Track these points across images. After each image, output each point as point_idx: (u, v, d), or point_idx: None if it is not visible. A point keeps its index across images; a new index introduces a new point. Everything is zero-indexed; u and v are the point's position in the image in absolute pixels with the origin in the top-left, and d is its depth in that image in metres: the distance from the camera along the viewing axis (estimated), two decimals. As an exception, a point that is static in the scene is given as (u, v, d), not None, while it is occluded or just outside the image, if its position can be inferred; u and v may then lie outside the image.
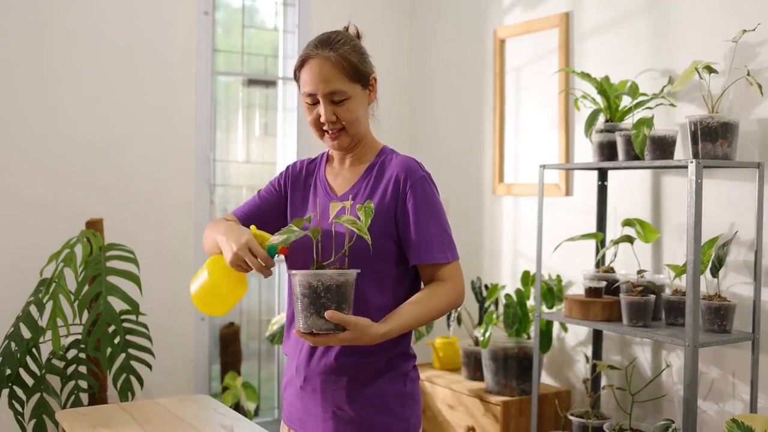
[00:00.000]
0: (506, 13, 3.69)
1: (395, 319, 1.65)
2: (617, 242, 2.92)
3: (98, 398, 3.05)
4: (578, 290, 3.19)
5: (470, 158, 3.90)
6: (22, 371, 2.84)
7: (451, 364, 3.65)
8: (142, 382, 3.01)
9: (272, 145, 4.14)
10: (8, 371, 2.77)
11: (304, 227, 1.63)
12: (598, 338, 3.13)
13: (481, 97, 3.84)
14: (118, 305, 3.07)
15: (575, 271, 3.25)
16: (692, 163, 2.45)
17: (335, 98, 1.73)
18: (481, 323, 3.33)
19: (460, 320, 3.64)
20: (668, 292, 2.76)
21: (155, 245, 3.61)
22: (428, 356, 3.89)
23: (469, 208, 3.89)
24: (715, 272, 2.60)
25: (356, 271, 1.60)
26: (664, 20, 2.98)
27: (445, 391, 3.38)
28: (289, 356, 1.86)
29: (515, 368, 3.17)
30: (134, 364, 3.02)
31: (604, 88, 2.93)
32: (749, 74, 2.56)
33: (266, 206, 1.90)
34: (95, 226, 3.13)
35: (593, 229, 3.15)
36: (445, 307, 1.72)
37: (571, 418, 2.93)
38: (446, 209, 3.94)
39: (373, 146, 1.85)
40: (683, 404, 2.46)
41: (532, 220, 3.43)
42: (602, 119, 2.95)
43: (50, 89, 3.43)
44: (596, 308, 2.81)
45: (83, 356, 2.99)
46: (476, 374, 3.40)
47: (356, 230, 1.56)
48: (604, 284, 2.87)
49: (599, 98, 2.97)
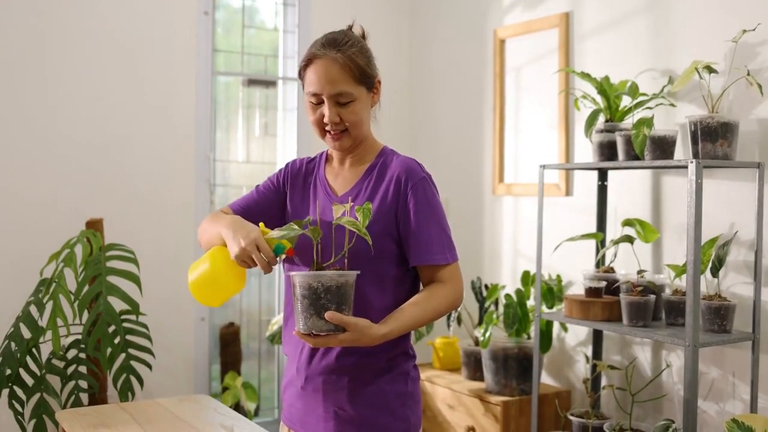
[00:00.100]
0: (506, 13, 3.69)
1: (395, 320, 1.65)
2: (617, 242, 2.92)
3: (98, 398, 3.06)
4: (578, 290, 3.19)
5: (470, 158, 3.90)
6: (22, 371, 2.84)
7: (451, 364, 3.65)
8: (142, 382, 3.02)
9: (272, 145, 4.14)
10: (8, 371, 2.77)
11: (304, 228, 1.63)
12: (598, 338, 3.13)
13: (481, 97, 3.84)
14: (118, 305, 3.07)
15: (575, 271, 3.25)
16: (692, 163, 2.45)
17: (340, 100, 1.73)
18: (481, 323, 3.33)
19: (460, 320, 3.64)
20: (668, 292, 2.76)
21: (155, 245, 3.61)
22: (428, 356, 3.89)
23: (469, 208, 3.89)
24: (715, 272, 2.60)
25: (356, 272, 1.60)
26: (664, 20, 2.98)
27: (445, 391, 3.38)
28: (289, 357, 1.86)
29: (515, 368, 3.17)
30: (134, 364, 3.02)
31: (604, 88, 2.93)
32: (749, 74, 2.56)
33: (264, 202, 1.89)
34: (95, 226, 3.13)
35: (593, 229, 3.15)
36: (444, 308, 1.73)
37: (571, 418, 2.93)
38: (446, 209, 3.93)
39: (373, 147, 1.85)
40: (683, 404, 2.46)
41: (532, 220, 3.43)
42: (602, 119, 2.95)
43: (50, 89, 3.43)
44: (596, 308, 2.81)
45: (83, 356, 2.99)
46: (476, 374, 3.40)
47: (356, 231, 1.56)
48: (604, 284, 2.87)
49: (599, 98, 2.97)
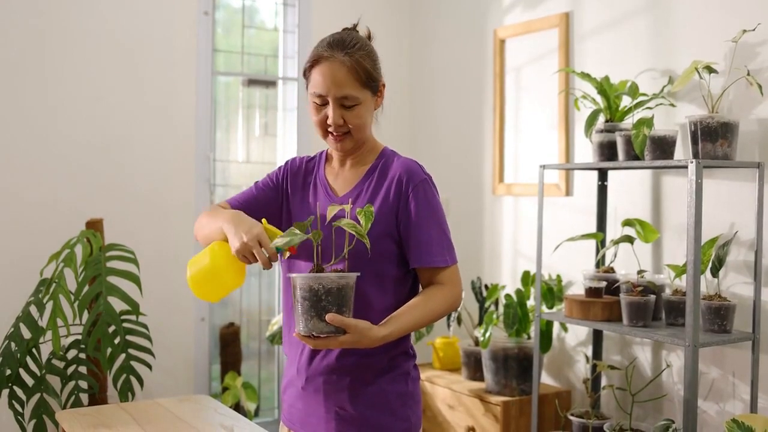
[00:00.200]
0: (506, 13, 3.69)
1: (395, 322, 1.65)
2: (617, 242, 2.92)
3: (98, 398, 3.06)
4: (578, 290, 3.19)
5: (470, 158, 3.90)
6: (22, 371, 2.84)
7: (451, 364, 3.65)
8: (142, 382, 3.01)
9: (272, 145, 4.14)
10: (8, 371, 2.77)
11: (306, 232, 1.63)
12: (598, 338, 3.13)
13: (481, 97, 3.84)
14: (118, 305, 3.07)
15: (575, 271, 3.25)
16: (692, 163, 2.45)
17: (345, 103, 1.72)
18: (481, 323, 3.33)
19: (460, 320, 3.64)
20: (668, 292, 2.76)
21: (155, 245, 3.61)
22: (428, 356, 3.89)
23: (469, 208, 3.89)
24: (715, 272, 2.60)
25: (356, 274, 1.60)
26: (664, 20, 2.98)
27: (445, 391, 3.38)
28: (289, 357, 1.86)
29: (515, 368, 3.17)
30: (134, 364, 3.02)
31: (604, 88, 2.93)
32: (749, 74, 2.56)
33: (263, 198, 1.89)
34: (95, 226, 3.13)
35: (593, 229, 3.15)
36: (443, 310, 1.73)
37: (571, 418, 2.93)
38: (446, 209, 3.92)
39: (374, 148, 1.85)
40: (683, 404, 2.46)
41: (532, 220, 3.43)
42: (602, 119, 2.95)
43: (50, 89, 3.43)
44: (596, 308, 2.81)
45: (83, 356, 2.99)
46: (476, 374, 3.40)
47: (356, 234, 1.56)
48: (604, 284, 2.87)
49: (599, 98, 2.97)
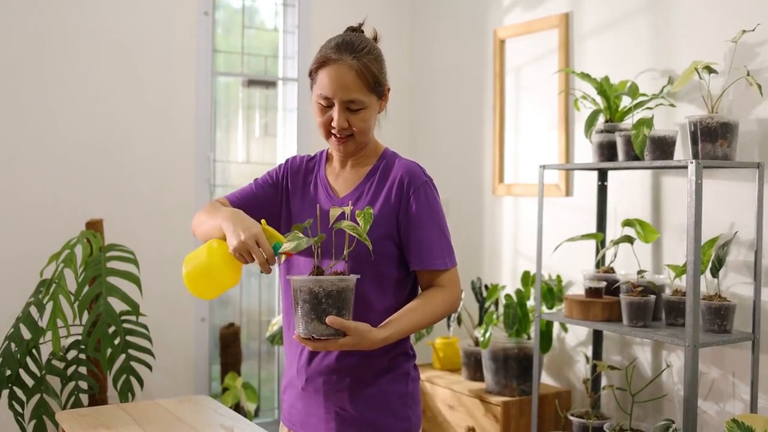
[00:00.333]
0: (506, 13, 3.69)
1: (394, 324, 1.66)
2: (617, 242, 2.92)
3: (98, 399, 3.05)
4: (578, 290, 3.19)
5: (470, 158, 3.90)
6: (22, 372, 2.84)
7: (451, 364, 3.65)
8: (142, 382, 3.01)
9: (272, 145, 4.14)
10: (8, 372, 2.77)
11: (303, 231, 1.63)
12: (598, 338, 3.13)
13: (481, 97, 3.84)
14: (118, 306, 3.07)
15: (575, 271, 3.25)
16: (692, 163, 2.45)
17: (352, 107, 1.72)
18: (481, 323, 3.33)
19: (460, 321, 3.64)
20: (668, 292, 2.76)
21: (155, 246, 3.61)
22: (428, 356, 3.89)
23: (469, 208, 3.89)
24: (715, 272, 2.60)
25: (357, 276, 1.60)
26: (663, 20, 2.98)
27: (445, 391, 3.38)
28: (289, 358, 1.86)
29: (515, 368, 3.17)
30: (134, 364, 3.02)
31: (603, 88, 2.93)
32: (749, 74, 2.56)
33: (262, 196, 1.88)
34: (95, 226, 3.13)
35: (593, 229, 3.15)
36: (442, 312, 1.73)
37: (571, 418, 2.93)
38: (446, 210, 3.92)
39: (375, 149, 1.85)
40: (683, 404, 2.46)
41: (532, 220, 3.43)
42: (602, 119, 2.95)
43: (50, 89, 3.43)
44: (596, 308, 2.81)
45: (83, 357, 2.99)
46: (476, 374, 3.40)
47: (357, 236, 1.56)
48: (604, 284, 2.87)
49: (599, 98, 2.97)
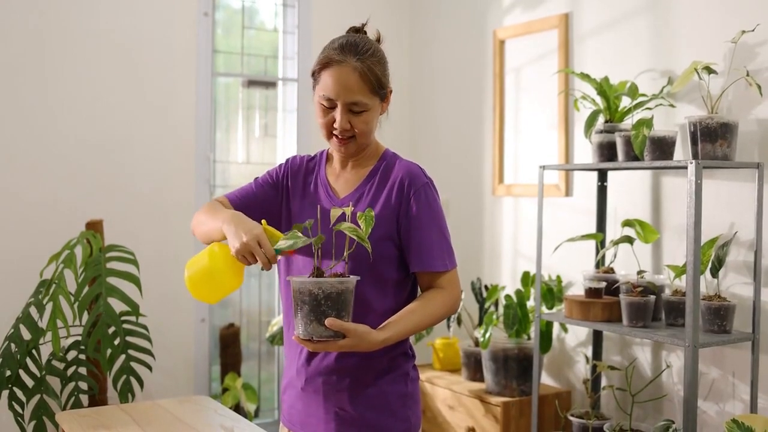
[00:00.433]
0: (506, 13, 3.69)
1: (394, 326, 1.66)
2: (617, 243, 2.92)
3: (98, 399, 3.05)
4: (578, 291, 3.19)
5: (470, 159, 3.90)
6: (22, 372, 2.84)
7: (451, 364, 3.65)
8: (142, 383, 3.01)
9: (272, 146, 4.14)
10: (8, 372, 2.77)
11: (304, 231, 1.63)
12: (598, 339, 3.13)
13: (481, 97, 3.84)
14: (118, 306, 3.07)
15: (575, 271, 3.25)
16: (692, 163, 2.45)
17: (354, 108, 1.72)
18: (481, 324, 3.33)
19: (460, 321, 3.64)
20: (668, 292, 2.76)
21: (155, 246, 3.61)
22: (428, 357, 3.89)
23: (469, 208, 3.89)
24: (714, 272, 2.60)
25: (356, 278, 1.60)
26: (663, 21, 2.98)
27: (445, 391, 3.38)
28: (288, 358, 1.86)
29: (515, 369, 3.17)
30: (134, 365, 3.02)
31: (603, 88, 2.93)
32: (748, 75, 2.56)
33: (262, 195, 1.87)
34: (95, 227, 3.13)
35: (593, 229, 3.15)
36: (442, 314, 1.73)
37: (571, 418, 2.93)
38: (446, 210, 3.91)
39: (375, 150, 1.85)
40: (683, 404, 2.46)
41: (532, 220, 3.43)
42: (602, 120, 2.95)
43: (50, 89, 3.43)
44: (596, 309, 2.81)
45: (83, 357, 2.99)
46: (476, 375, 3.40)
47: (357, 238, 1.56)
48: (604, 285, 2.87)
49: (599, 99, 2.97)
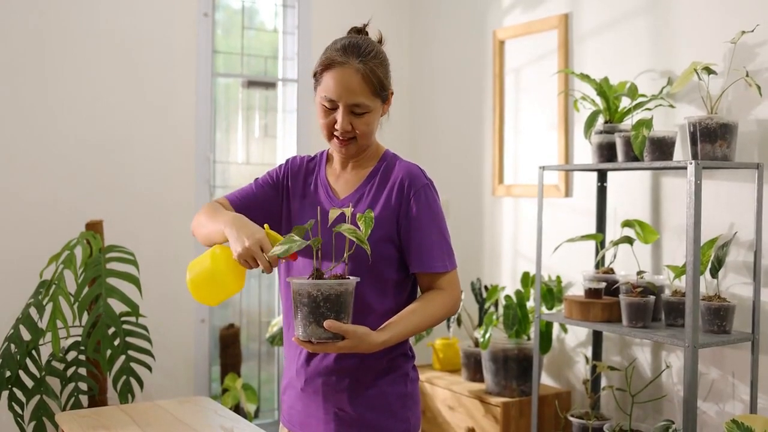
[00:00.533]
0: (506, 14, 3.69)
1: (393, 327, 1.66)
2: (617, 243, 2.92)
3: (98, 400, 3.05)
4: (578, 291, 3.20)
5: (470, 159, 3.90)
6: (21, 373, 2.84)
7: (451, 365, 3.65)
8: (141, 383, 3.01)
9: (272, 146, 4.14)
10: (8, 373, 2.77)
11: (305, 235, 1.62)
12: (597, 339, 3.13)
13: (480, 97, 3.85)
14: (117, 307, 3.07)
15: (575, 272, 3.25)
16: (691, 164, 2.45)
17: (356, 110, 1.72)
18: (481, 324, 3.33)
19: (460, 321, 3.64)
20: (668, 292, 2.77)
21: (155, 247, 3.61)
22: (428, 357, 3.89)
23: (469, 209, 3.89)
24: (714, 273, 2.60)
25: (356, 279, 1.60)
26: (663, 21, 2.98)
27: (445, 392, 3.38)
28: (288, 359, 1.86)
29: (515, 369, 3.17)
30: (134, 365, 3.02)
31: (603, 89, 2.93)
32: (748, 75, 2.56)
33: (262, 196, 1.87)
34: (95, 227, 3.13)
35: (593, 230, 3.16)
36: (442, 315, 1.73)
37: (571, 419, 2.93)
38: (446, 211, 3.91)
39: (375, 151, 1.85)
40: (683, 405, 2.46)
41: (531, 221, 3.43)
42: (601, 120, 2.95)
43: (50, 89, 3.43)
44: (596, 309, 2.81)
45: (83, 358, 2.99)
46: (476, 375, 3.40)
47: (356, 240, 1.56)
48: (603, 285, 2.87)
49: (598, 99, 2.97)
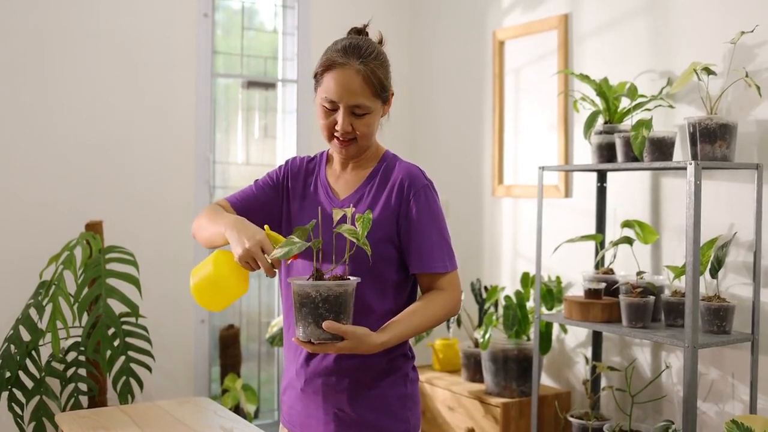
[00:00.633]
0: (505, 14, 3.69)
1: (393, 328, 1.65)
2: (616, 243, 2.92)
3: (98, 401, 3.05)
4: (578, 291, 3.20)
5: (470, 159, 3.90)
6: (21, 374, 2.84)
7: (450, 365, 3.65)
8: (141, 384, 3.01)
9: (272, 147, 4.14)
10: (8, 374, 2.77)
11: (307, 237, 1.62)
12: (597, 339, 3.13)
13: (480, 98, 3.85)
14: (117, 307, 3.07)
15: (575, 272, 3.25)
16: (691, 164, 2.45)
17: (357, 111, 1.72)
18: (480, 325, 3.33)
19: (459, 322, 3.64)
20: (667, 293, 2.77)
21: (155, 247, 3.61)
22: (428, 358, 3.89)
23: (468, 209, 3.89)
24: (714, 273, 2.60)
25: (356, 280, 1.59)
26: (662, 22, 2.98)
27: (444, 392, 3.38)
28: (288, 359, 1.86)
29: (515, 370, 3.17)
30: (134, 366, 3.02)
31: (603, 89, 2.93)
32: (747, 75, 2.56)
33: (262, 197, 1.87)
34: (95, 228, 3.13)
35: (593, 230, 3.16)
36: (442, 316, 1.73)
37: (571, 419, 2.93)
38: (446, 211, 3.91)
39: (375, 151, 1.85)
40: (683, 405, 2.46)
41: (531, 221, 3.43)
42: (601, 121, 2.95)
43: (50, 89, 3.43)
44: (596, 309, 2.81)
45: (83, 359, 2.99)
46: (476, 376, 3.40)
47: (356, 241, 1.55)
48: (603, 285, 2.87)
49: (598, 100, 2.97)
